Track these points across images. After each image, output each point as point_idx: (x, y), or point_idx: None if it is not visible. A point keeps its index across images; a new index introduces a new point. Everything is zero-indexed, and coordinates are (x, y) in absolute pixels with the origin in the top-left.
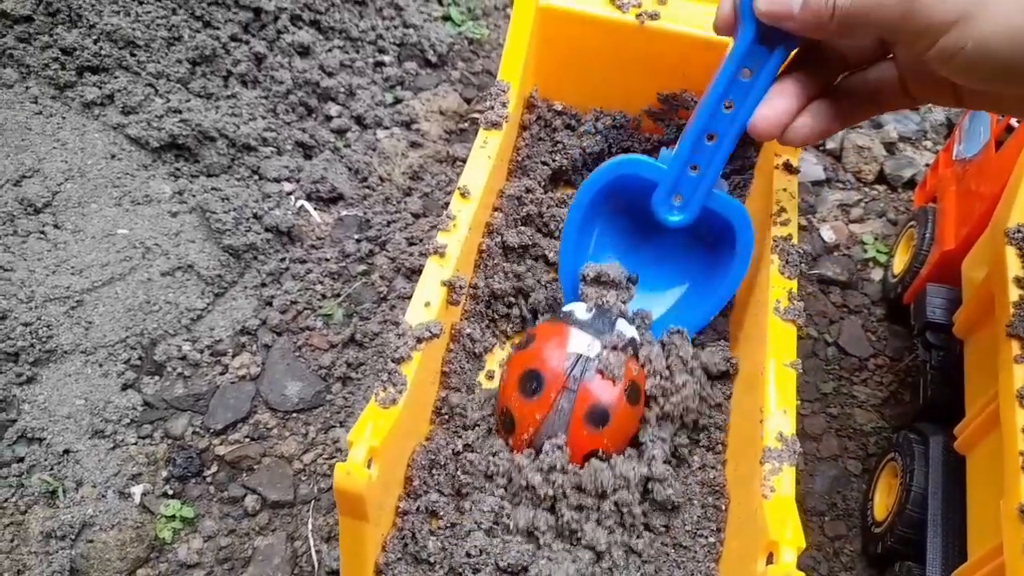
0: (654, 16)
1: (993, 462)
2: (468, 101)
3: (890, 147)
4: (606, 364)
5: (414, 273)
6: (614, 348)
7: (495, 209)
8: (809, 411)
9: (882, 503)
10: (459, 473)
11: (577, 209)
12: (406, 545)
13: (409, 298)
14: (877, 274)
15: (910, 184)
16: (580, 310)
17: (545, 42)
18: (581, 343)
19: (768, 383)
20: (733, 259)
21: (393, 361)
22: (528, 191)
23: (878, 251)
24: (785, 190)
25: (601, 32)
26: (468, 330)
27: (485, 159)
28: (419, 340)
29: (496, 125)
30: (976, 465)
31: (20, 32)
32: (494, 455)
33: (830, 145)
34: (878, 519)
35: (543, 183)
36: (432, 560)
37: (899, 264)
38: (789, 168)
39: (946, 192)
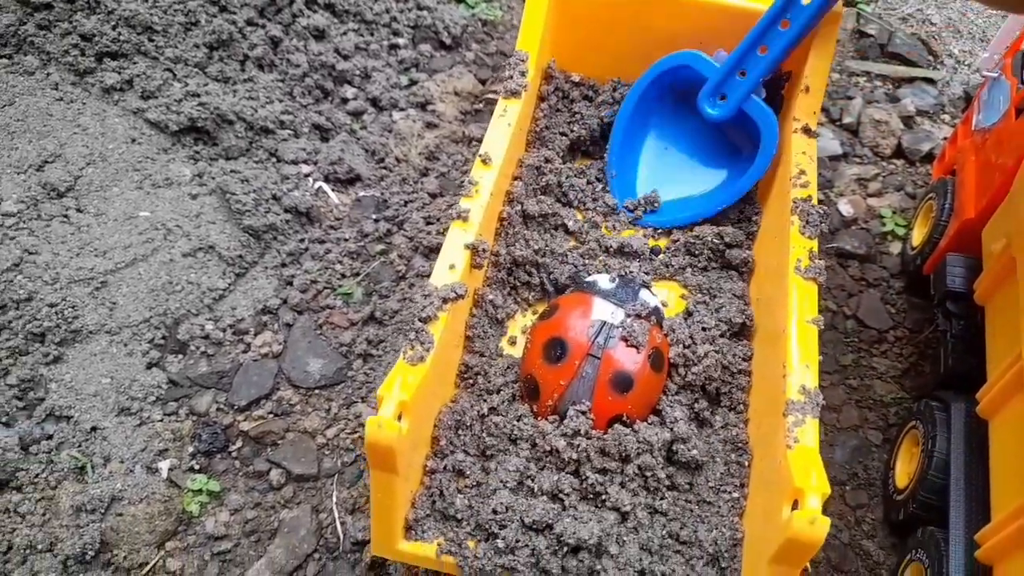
0: None
1: (1018, 423)
2: (483, 82)
3: (908, 121)
4: (630, 331)
5: (432, 252)
6: (638, 316)
7: (515, 178)
8: (829, 383)
9: (904, 471)
10: (484, 435)
11: (635, 91)
12: (434, 502)
13: (428, 275)
14: (895, 247)
15: (928, 158)
16: (603, 280)
17: (562, 14)
18: (605, 311)
19: (791, 338)
20: (756, 156)
21: (420, 320)
22: (547, 161)
23: (896, 224)
24: (804, 153)
25: (617, 2)
26: (490, 296)
27: (505, 127)
28: (445, 300)
29: (515, 94)
30: (1000, 427)
31: (40, 19)
32: (519, 419)
33: (847, 120)
34: (900, 487)
35: (561, 153)
36: (460, 517)
37: (918, 236)
38: (808, 132)
39: (965, 163)
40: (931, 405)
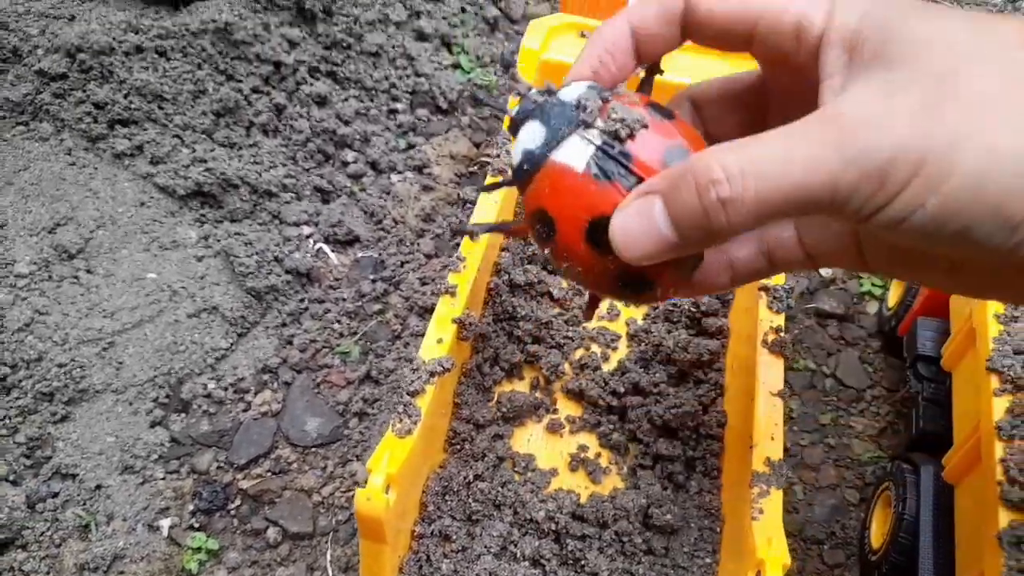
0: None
1: (978, 491)
2: (477, 145)
3: None
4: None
5: (427, 312)
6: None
7: (502, 249)
8: (808, 441)
9: (878, 531)
10: (470, 500)
11: None
12: (421, 567)
13: (422, 335)
14: (873, 307)
15: None
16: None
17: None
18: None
19: (757, 411)
20: None
21: (408, 394)
22: None
23: (873, 285)
24: None
25: None
26: (477, 364)
27: (492, 203)
28: (432, 374)
29: (501, 172)
30: (963, 494)
31: (56, 88)
32: (503, 486)
33: None
34: (874, 547)
35: None
36: None
37: (893, 298)
38: None
39: None
40: (902, 467)
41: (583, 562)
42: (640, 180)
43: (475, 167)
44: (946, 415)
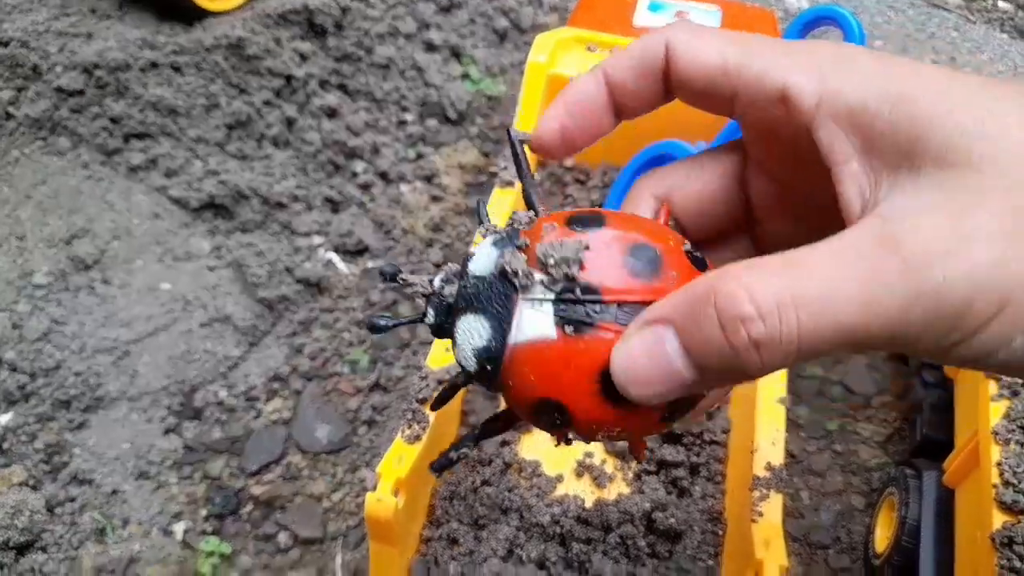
0: None
1: (977, 495)
2: (486, 155)
3: None
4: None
5: None
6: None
7: None
8: (815, 448)
9: (882, 536)
10: (477, 505)
11: (622, 176)
12: (429, 569)
13: (430, 344)
14: None
15: None
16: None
17: None
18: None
19: (758, 418)
20: None
21: (417, 401)
22: None
23: None
24: None
25: None
26: None
27: (498, 218)
28: (440, 382)
29: (509, 184)
30: (963, 498)
31: (73, 104)
32: (509, 491)
33: None
34: (878, 551)
35: None
36: None
37: None
38: None
39: None
40: (905, 472)
41: (588, 565)
42: (620, 304)
43: (484, 177)
44: (949, 422)
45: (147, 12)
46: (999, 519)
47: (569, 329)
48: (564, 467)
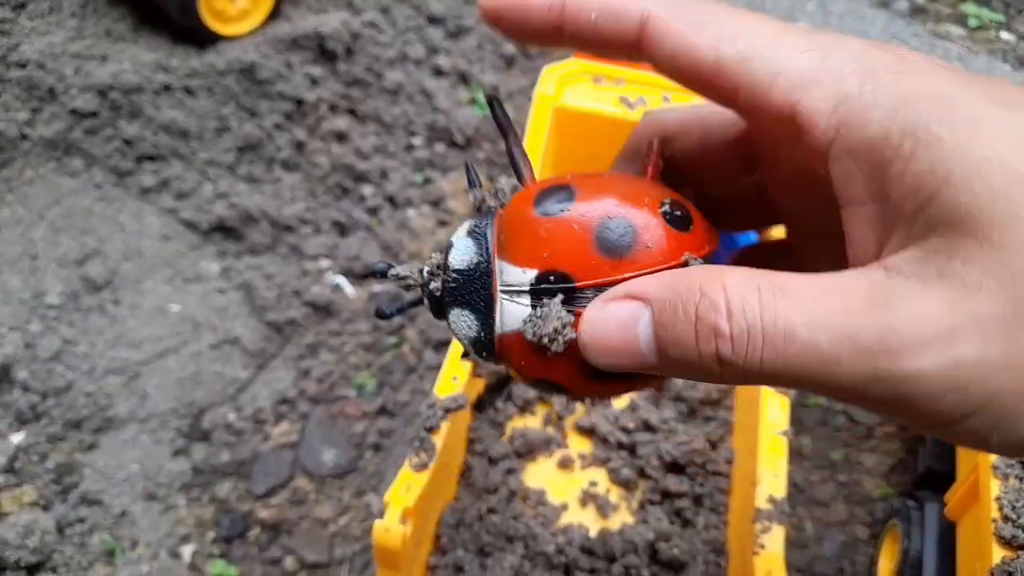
0: None
1: (977, 530)
2: (493, 180)
3: None
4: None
5: (442, 345)
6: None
7: None
8: (818, 478)
9: (886, 567)
10: (483, 533)
11: None
12: None
13: (437, 369)
14: None
15: None
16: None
17: (561, 138)
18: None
19: (759, 449)
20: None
21: (425, 430)
22: None
23: None
24: None
25: (611, 128)
26: (491, 400)
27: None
28: (447, 411)
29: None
30: (964, 531)
31: (87, 125)
32: (515, 519)
33: None
34: None
35: None
36: None
37: None
38: None
39: None
40: (907, 504)
41: None
42: (596, 288)
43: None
44: (951, 453)
45: (161, 35)
46: (998, 554)
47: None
48: (569, 496)
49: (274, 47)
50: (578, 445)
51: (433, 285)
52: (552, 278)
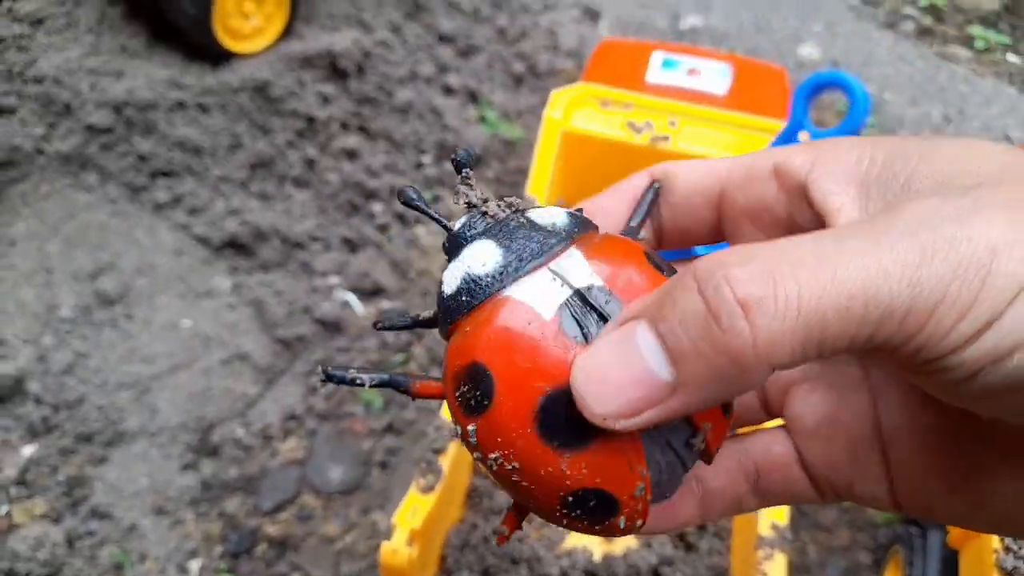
0: (665, 139)
1: (979, 559)
2: (502, 198)
3: None
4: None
5: None
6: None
7: None
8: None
9: None
10: (488, 555)
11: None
12: None
13: None
14: None
15: None
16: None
17: (568, 161)
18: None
19: None
20: None
21: (432, 452)
22: None
23: None
24: None
25: (618, 153)
26: None
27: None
28: (454, 433)
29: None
30: (966, 560)
31: (102, 141)
32: (519, 542)
33: None
34: None
35: None
36: None
37: None
38: None
39: None
40: (910, 531)
41: None
42: None
43: None
44: None
45: (176, 52)
46: None
47: (566, 323)
48: None
49: (287, 65)
50: None
51: (500, 214)
52: (605, 295)
